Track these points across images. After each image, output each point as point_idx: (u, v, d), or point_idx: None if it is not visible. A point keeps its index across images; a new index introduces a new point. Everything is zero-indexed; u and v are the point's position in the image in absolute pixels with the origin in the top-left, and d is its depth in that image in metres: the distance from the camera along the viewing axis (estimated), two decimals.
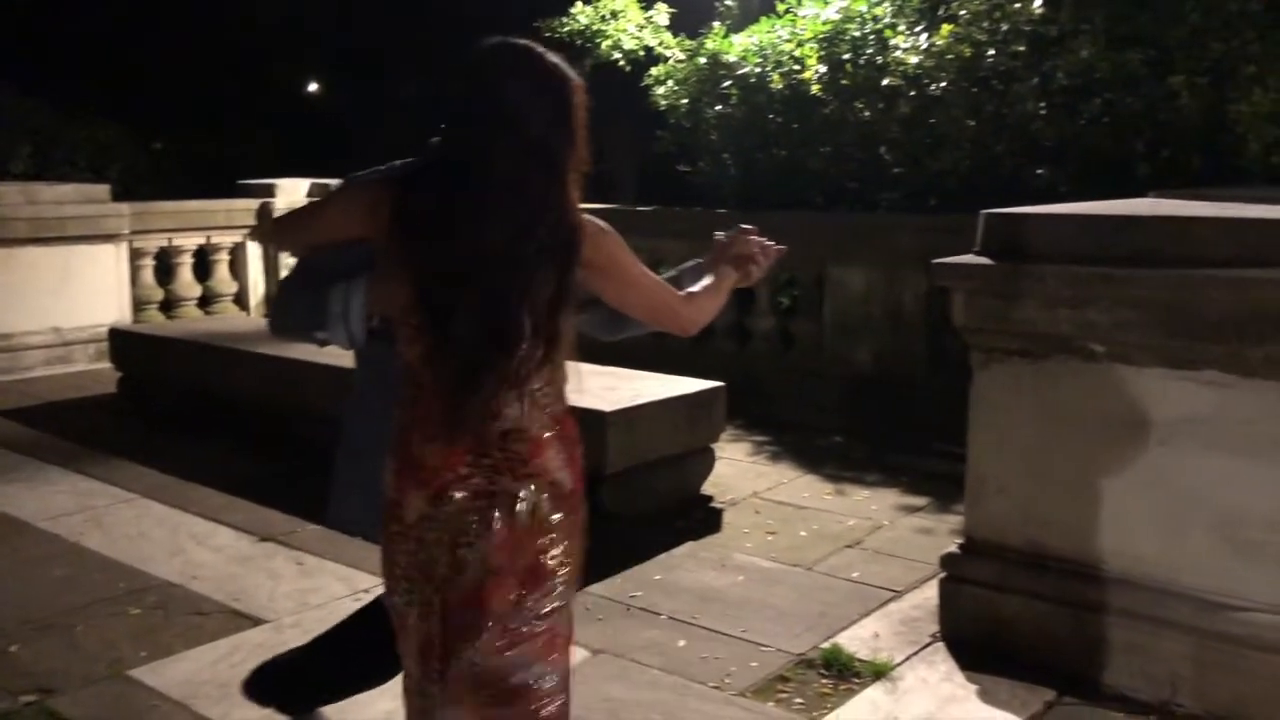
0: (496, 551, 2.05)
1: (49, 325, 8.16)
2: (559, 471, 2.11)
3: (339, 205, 2.21)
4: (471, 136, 2.04)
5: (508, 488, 2.06)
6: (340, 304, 2.09)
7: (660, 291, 2.24)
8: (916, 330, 6.37)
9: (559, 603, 2.13)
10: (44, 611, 3.82)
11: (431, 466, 2.05)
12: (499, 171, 2.00)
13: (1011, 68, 6.29)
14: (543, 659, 2.10)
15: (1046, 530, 3.38)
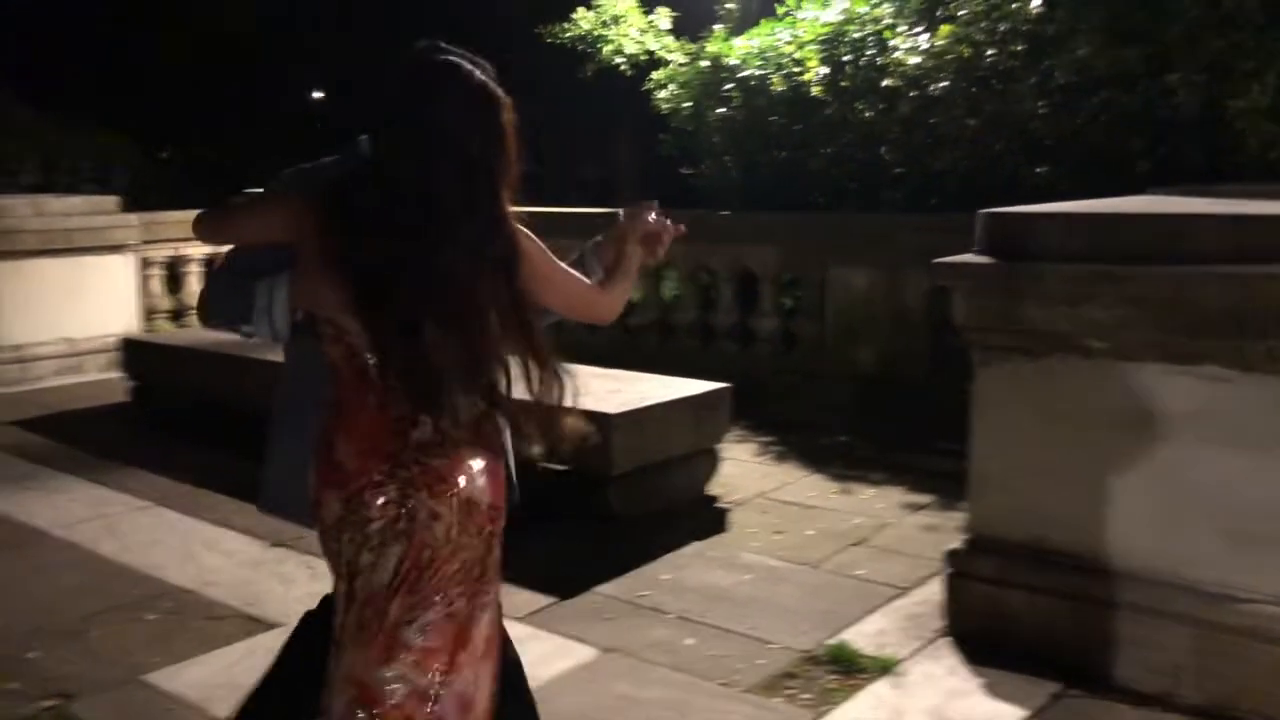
0: (407, 564, 2.08)
1: (60, 336, 8.23)
2: (476, 485, 2.12)
3: (262, 214, 2.21)
4: (409, 160, 2.05)
5: (424, 503, 2.08)
6: (265, 298, 2.13)
7: (577, 286, 2.30)
8: (919, 330, 6.42)
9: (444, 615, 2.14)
10: (61, 618, 3.88)
11: (349, 470, 2.10)
12: (443, 196, 2.03)
13: (1010, 67, 6.33)
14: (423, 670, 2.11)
15: (1049, 526, 3.42)
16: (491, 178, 2.08)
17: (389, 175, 2.06)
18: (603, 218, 7.27)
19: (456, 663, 2.14)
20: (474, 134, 2.06)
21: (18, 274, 8.02)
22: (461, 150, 2.04)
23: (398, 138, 2.09)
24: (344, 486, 2.09)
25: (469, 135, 2.05)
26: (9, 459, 6.00)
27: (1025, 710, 3.14)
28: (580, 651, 3.58)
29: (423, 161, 2.04)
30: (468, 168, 2.05)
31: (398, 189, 2.04)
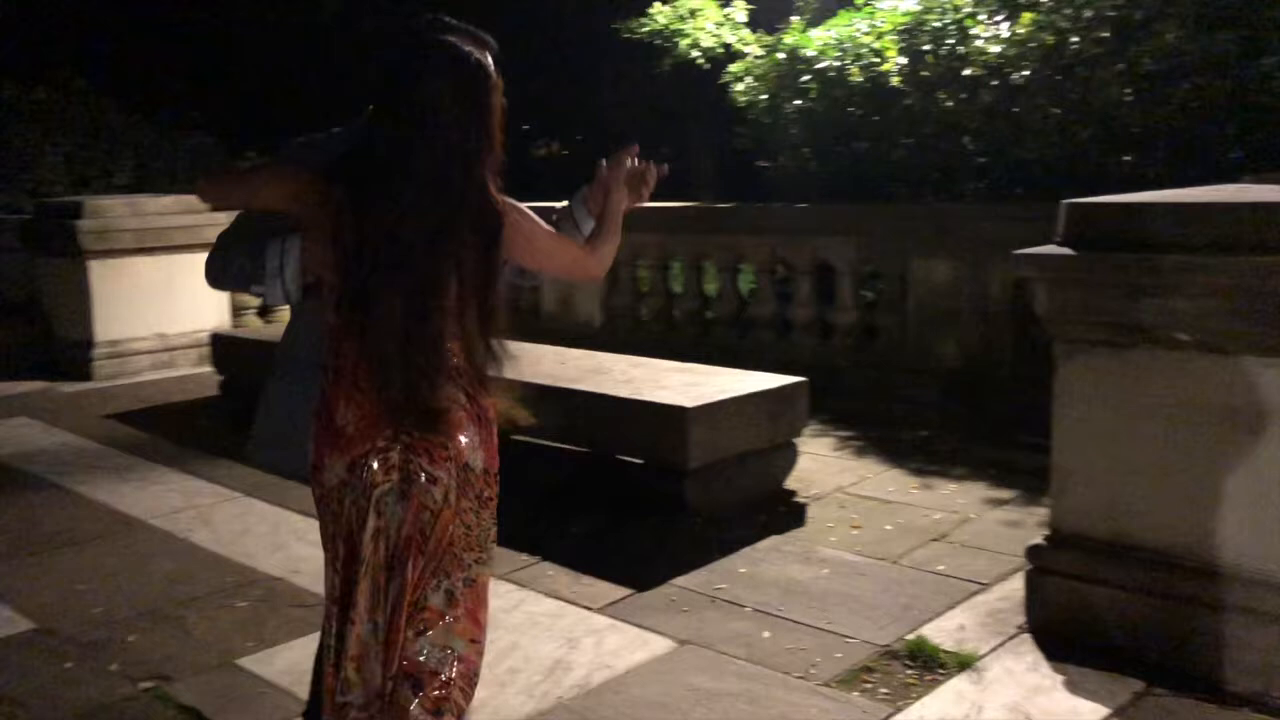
0: (408, 526, 2.16)
1: (154, 331, 8.51)
2: (472, 454, 2.22)
3: (270, 184, 2.26)
4: (394, 136, 2.11)
5: (424, 468, 2.17)
6: (276, 260, 2.18)
7: (565, 248, 2.39)
8: (1003, 322, 6.32)
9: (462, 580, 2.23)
10: (158, 603, 4.03)
11: (350, 435, 2.16)
12: (420, 171, 2.09)
13: (1095, 54, 6.19)
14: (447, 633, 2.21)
15: (1133, 521, 3.36)
16: (469, 159, 2.13)
17: (375, 152, 2.13)
18: (681, 212, 7.29)
19: (481, 627, 2.27)
20: (457, 116, 2.11)
21: (115, 272, 8.31)
22: (445, 130, 2.10)
23: (385, 114, 2.16)
24: (347, 451, 2.16)
25: (454, 115, 2.11)
26: (107, 451, 6.22)
27: (1108, 708, 3.09)
28: (656, 643, 3.61)
29: (406, 139, 2.10)
30: (450, 147, 2.10)
31: (384, 163, 2.11)
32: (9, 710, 3.27)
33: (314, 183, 2.15)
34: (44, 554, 4.57)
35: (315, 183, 2.15)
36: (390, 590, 2.17)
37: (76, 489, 5.47)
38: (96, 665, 3.56)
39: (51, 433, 6.66)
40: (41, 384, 8.09)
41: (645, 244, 7.97)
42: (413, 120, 2.10)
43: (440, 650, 2.19)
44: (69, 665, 3.56)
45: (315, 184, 2.14)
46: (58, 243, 8.28)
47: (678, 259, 8.03)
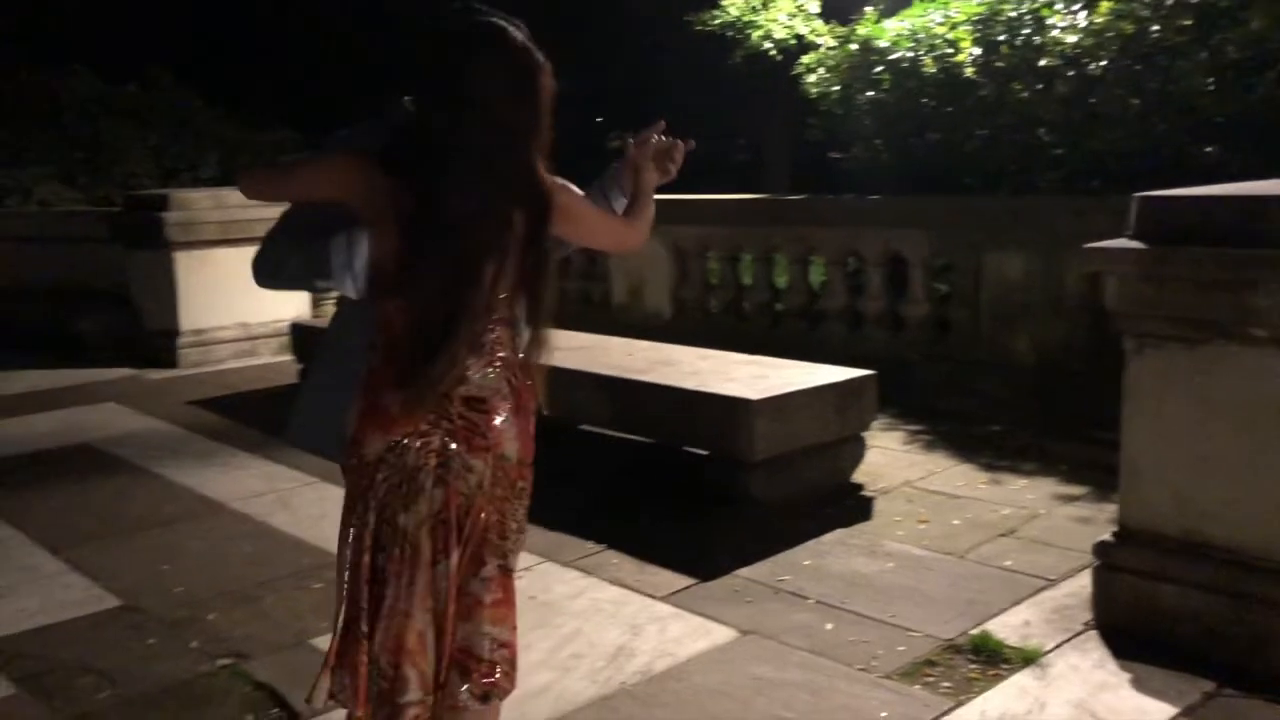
0: (445, 510, 2.18)
1: (237, 321, 8.75)
2: (509, 443, 2.24)
3: (315, 173, 2.27)
4: (443, 118, 2.13)
5: (461, 456, 2.19)
6: (344, 254, 2.17)
7: (612, 224, 2.48)
8: (1078, 316, 6.22)
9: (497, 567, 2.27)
10: (237, 584, 4.16)
11: (394, 416, 2.18)
12: (469, 152, 2.11)
13: (1177, 43, 6.05)
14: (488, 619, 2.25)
15: (1205, 519, 3.31)
16: (523, 138, 2.16)
17: (423, 136, 2.15)
18: (753, 205, 7.28)
19: (515, 611, 2.31)
20: (510, 97, 2.13)
21: (199, 263, 8.56)
22: (494, 111, 2.12)
23: (433, 98, 2.17)
24: (389, 431, 2.18)
25: (505, 99, 2.13)
26: (192, 436, 6.43)
27: (1175, 707, 3.05)
28: (719, 632, 3.64)
29: (455, 121, 2.12)
30: (500, 129, 2.13)
31: (434, 146, 2.13)
32: (96, 681, 3.43)
33: (363, 169, 2.16)
34: (131, 534, 4.75)
35: (364, 169, 2.16)
36: (438, 579, 2.20)
37: (162, 472, 5.67)
38: (178, 642, 3.70)
39: (139, 418, 6.90)
40: (129, 371, 8.37)
41: (715, 236, 7.98)
42: (462, 102, 2.11)
43: (483, 636, 2.23)
44: (152, 641, 3.71)
45: (364, 170, 2.16)
46: (145, 235, 8.55)
47: (748, 251, 8.03)
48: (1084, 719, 3.03)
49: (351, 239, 2.17)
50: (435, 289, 2.12)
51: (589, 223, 2.39)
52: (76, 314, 9.18)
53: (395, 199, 2.13)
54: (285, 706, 3.24)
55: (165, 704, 3.29)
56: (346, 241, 2.17)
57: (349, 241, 2.17)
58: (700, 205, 8.01)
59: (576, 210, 2.33)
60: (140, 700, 3.31)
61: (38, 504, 5.17)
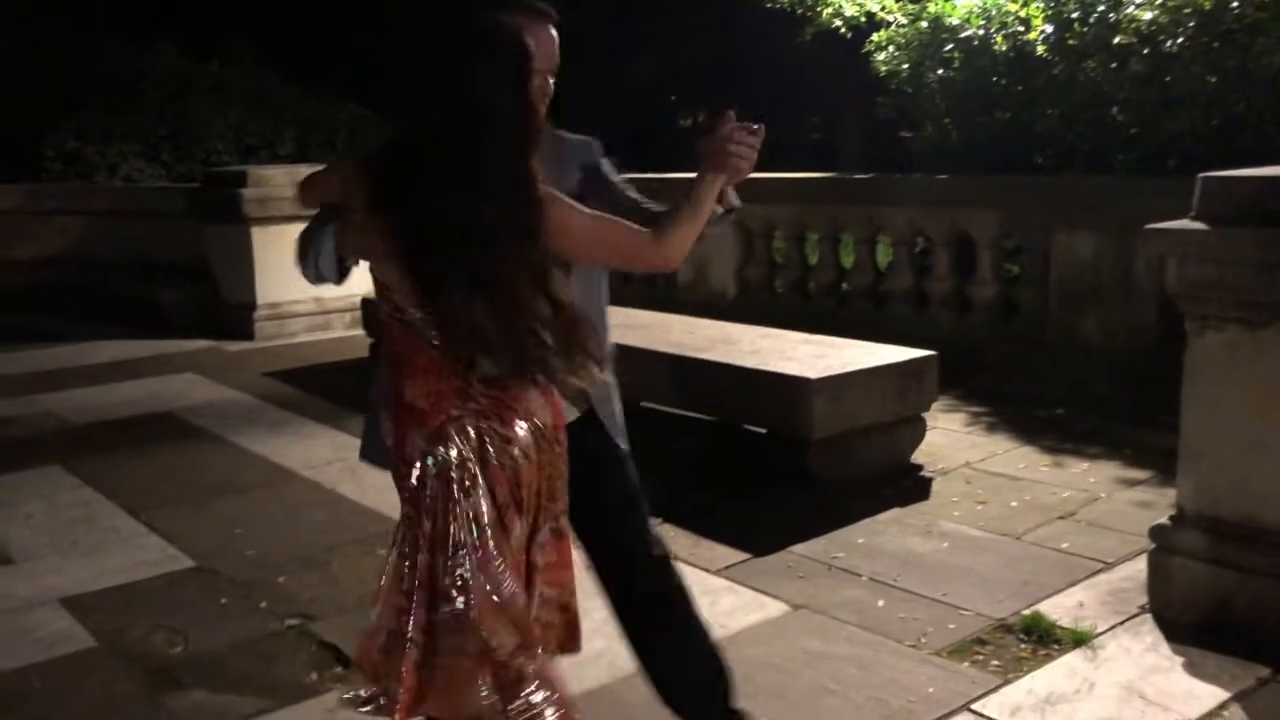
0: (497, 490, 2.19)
1: (311, 296, 8.96)
2: (541, 412, 2.24)
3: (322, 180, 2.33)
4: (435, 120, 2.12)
5: (496, 430, 2.19)
6: (315, 245, 2.24)
7: (625, 238, 2.21)
8: (1148, 299, 6.13)
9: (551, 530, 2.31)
10: (307, 549, 4.31)
11: (423, 409, 2.19)
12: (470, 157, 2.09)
13: (1257, 19, 5.91)
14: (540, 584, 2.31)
15: (1265, 504, 3.28)
16: (519, 142, 2.12)
17: (419, 138, 2.14)
18: (819, 184, 7.28)
19: (573, 575, 2.37)
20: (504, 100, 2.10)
21: (276, 238, 8.77)
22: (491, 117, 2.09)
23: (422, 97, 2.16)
24: (424, 425, 2.19)
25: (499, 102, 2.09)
26: (265, 406, 6.63)
27: (1228, 692, 3.04)
28: (771, 606, 3.70)
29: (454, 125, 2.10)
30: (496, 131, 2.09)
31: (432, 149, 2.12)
32: (170, 637, 3.59)
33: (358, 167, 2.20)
34: (207, 499, 4.94)
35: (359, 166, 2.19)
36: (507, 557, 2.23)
37: (237, 440, 5.86)
38: (249, 602, 3.85)
39: (216, 388, 7.13)
40: (208, 343, 8.63)
41: (781, 215, 7.98)
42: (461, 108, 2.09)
43: (542, 600, 2.31)
44: (224, 601, 3.88)
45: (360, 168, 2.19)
46: (223, 210, 8.79)
47: (814, 230, 8.01)
48: (1133, 700, 3.03)
49: (323, 231, 2.23)
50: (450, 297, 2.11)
51: (584, 236, 2.20)
52: (158, 287, 9.47)
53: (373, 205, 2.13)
54: (349, 665, 3.36)
55: (235, 660, 3.43)
56: (320, 234, 2.24)
57: (321, 234, 2.24)
58: (766, 184, 7.98)
59: (566, 221, 2.17)
60: (211, 656, 3.46)
61: (121, 469, 5.39)
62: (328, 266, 2.25)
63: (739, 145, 2.16)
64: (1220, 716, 2.95)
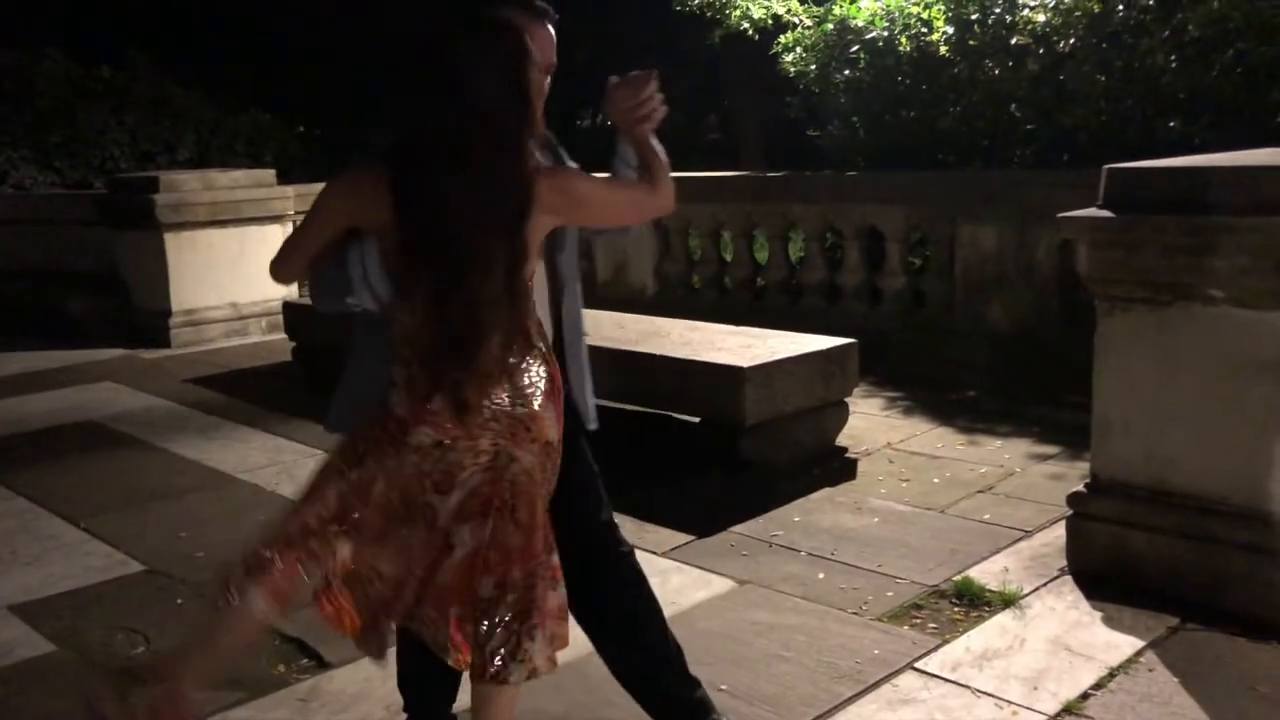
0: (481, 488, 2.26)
1: (227, 301, 8.88)
2: (551, 430, 2.30)
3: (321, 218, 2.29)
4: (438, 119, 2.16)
5: (508, 451, 2.24)
6: (359, 267, 2.22)
7: (631, 195, 2.40)
8: (1049, 286, 6.48)
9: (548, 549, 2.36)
10: None
11: (443, 421, 2.21)
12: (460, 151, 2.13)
13: (1141, 21, 6.31)
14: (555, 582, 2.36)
15: (1170, 468, 3.56)
16: (514, 138, 2.17)
17: (423, 139, 2.17)
18: (730, 182, 7.53)
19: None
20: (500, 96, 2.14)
21: (189, 244, 8.68)
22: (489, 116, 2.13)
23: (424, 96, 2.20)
24: (441, 429, 2.22)
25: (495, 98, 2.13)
26: (192, 412, 6.59)
27: (1143, 641, 3.31)
28: (718, 583, 3.87)
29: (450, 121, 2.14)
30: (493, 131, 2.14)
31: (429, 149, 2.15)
32: (130, 638, 3.62)
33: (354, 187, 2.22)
34: (146, 505, 4.92)
35: (355, 187, 2.22)
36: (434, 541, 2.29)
37: (167, 447, 5.83)
38: (204, 601, 3.87)
39: (137, 396, 7.04)
40: (122, 351, 8.49)
41: (697, 213, 8.18)
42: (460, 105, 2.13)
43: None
44: (180, 601, 3.91)
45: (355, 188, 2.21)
46: (135, 216, 8.65)
47: (729, 227, 8.24)
48: (1060, 652, 3.28)
49: (363, 251, 2.22)
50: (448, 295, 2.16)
51: (601, 201, 2.35)
52: (64, 295, 9.26)
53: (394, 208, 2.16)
54: (314, 656, 3.44)
55: None
56: (359, 254, 2.23)
57: (361, 254, 2.22)
58: (683, 183, 8.11)
59: (579, 193, 2.29)
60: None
61: (51, 478, 5.32)
62: (381, 285, 2.22)
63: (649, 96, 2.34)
64: (1138, 662, 3.21)
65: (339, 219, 2.27)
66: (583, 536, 2.69)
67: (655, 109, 2.36)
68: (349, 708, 3.15)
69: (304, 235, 2.35)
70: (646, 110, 2.36)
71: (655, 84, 2.36)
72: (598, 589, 2.75)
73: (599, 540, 2.77)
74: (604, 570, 2.77)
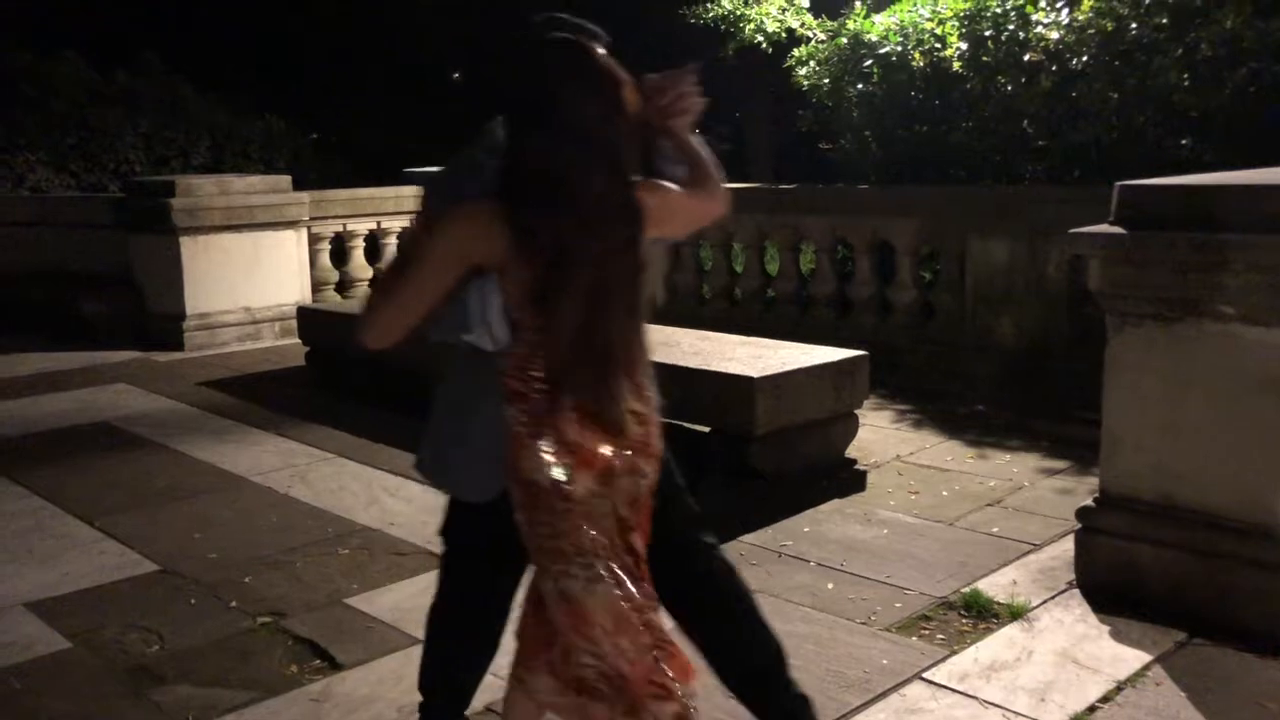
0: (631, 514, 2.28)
1: (241, 305, 8.94)
2: (660, 442, 2.31)
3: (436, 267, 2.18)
4: (545, 146, 2.12)
5: (638, 466, 2.25)
6: (479, 306, 2.19)
7: (698, 199, 2.36)
8: (1059, 301, 6.51)
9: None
10: (268, 550, 4.39)
11: (589, 450, 2.18)
12: (579, 180, 2.10)
13: (1154, 40, 6.35)
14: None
15: (1178, 483, 3.58)
16: (618, 156, 2.15)
17: (527, 164, 2.13)
18: (743, 194, 7.57)
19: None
20: (602, 115, 2.12)
21: (204, 248, 8.74)
22: (591, 133, 2.10)
23: (527, 127, 2.15)
24: (592, 465, 2.19)
25: (598, 117, 2.11)
26: (205, 415, 6.63)
27: (1150, 655, 3.33)
28: None
29: (558, 147, 2.10)
30: (599, 150, 2.12)
31: (536, 175, 2.11)
32: (145, 637, 3.65)
33: (474, 228, 2.15)
34: (160, 506, 4.96)
35: (475, 228, 2.15)
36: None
37: (180, 449, 5.87)
38: (218, 602, 3.92)
39: (151, 398, 7.09)
40: (136, 354, 8.55)
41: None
42: (559, 124, 2.10)
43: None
44: (193, 601, 3.94)
45: (475, 229, 2.15)
46: (151, 220, 8.72)
47: (739, 239, 8.28)
48: (1067, 665, 3.30)
49: (485, 289, 2.17)
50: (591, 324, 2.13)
51: (684, 209, 2.33)
52: (79, 297, 9.32)
53: (518, 242, 2.11)
54: (326, 657, 3.47)
55: (213, 657, 3.51)
56: (480, 292, 2.18)
57: (482, 293, 2.18)
58: None
59: (673, 204, 2.28)
60: (190, 653, 3.53)
61: (66, 478, 5.37)
62: (500, 328, 2.20)
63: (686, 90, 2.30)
64: (1145, 676, 3.23)
65: (453, 264, 2.18)
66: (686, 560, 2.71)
67: (693, 103, 2.32)
68: (361, 708, 3.17)
69: (416, 287, 2.20)
70: (684, 105, 2.31)
71: (693, 78, 2.32)
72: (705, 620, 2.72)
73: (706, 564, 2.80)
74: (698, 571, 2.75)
